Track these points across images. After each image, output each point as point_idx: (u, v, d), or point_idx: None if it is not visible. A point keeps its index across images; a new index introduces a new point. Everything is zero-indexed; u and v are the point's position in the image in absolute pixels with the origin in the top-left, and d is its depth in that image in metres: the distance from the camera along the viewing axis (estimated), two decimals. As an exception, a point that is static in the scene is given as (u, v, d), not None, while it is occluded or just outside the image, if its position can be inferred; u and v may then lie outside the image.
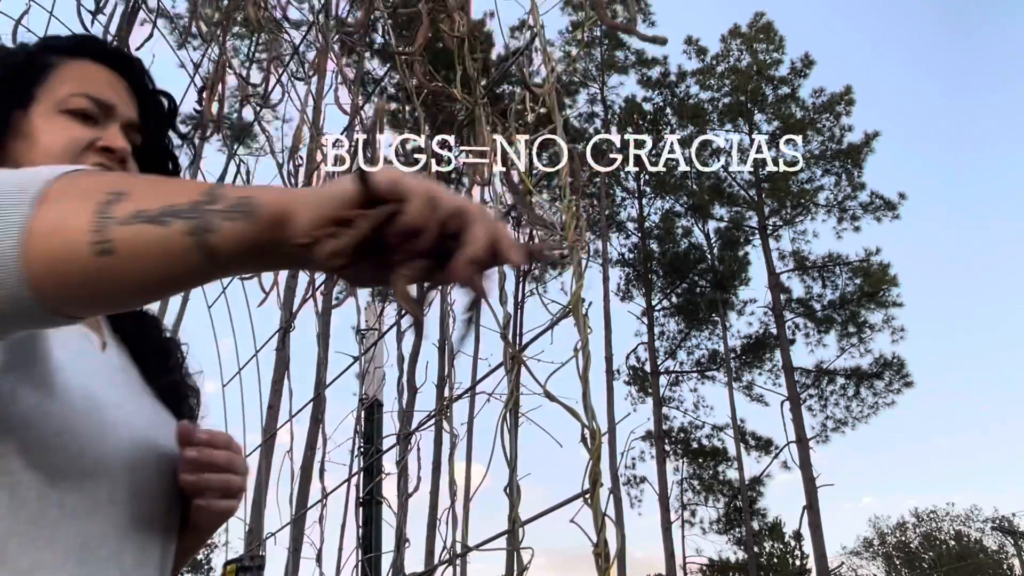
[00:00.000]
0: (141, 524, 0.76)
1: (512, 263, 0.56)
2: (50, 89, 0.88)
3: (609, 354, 21.22)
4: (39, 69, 0.90)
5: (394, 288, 0.56)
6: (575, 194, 1.42)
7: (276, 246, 0.53)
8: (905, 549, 35.06)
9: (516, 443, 1.60)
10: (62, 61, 0.91)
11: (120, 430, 0.76)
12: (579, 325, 1.30)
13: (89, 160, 0.85)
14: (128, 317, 0.94)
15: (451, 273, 0.54)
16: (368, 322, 5.13)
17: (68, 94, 0.88)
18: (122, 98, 0.91)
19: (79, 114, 0.87)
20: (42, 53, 0.92)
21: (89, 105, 0.88)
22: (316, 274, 4.01)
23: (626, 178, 25.46)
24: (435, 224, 0.54)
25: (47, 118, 0.86)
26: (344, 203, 0.53)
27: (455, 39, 2.12)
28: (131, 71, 0.94)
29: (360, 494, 4.47)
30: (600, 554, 1.12)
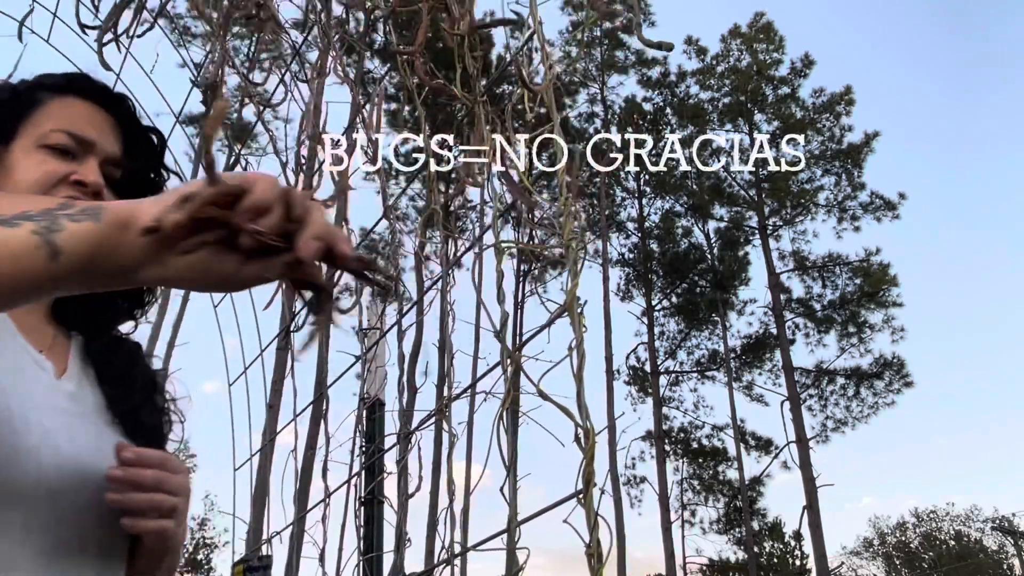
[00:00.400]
0: (69, 549, 0.76)
1: (344, 255, 0.58)
2: (34, 125, 0.92)
3: (609, 354, 21.22)
4: (26, 106, 0.94)
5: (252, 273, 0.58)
6: (571, 193, 1.42)
7: (122, 247, 0.56)
8: (905, 549, 35.05)
9: (515, 443, 1.61)
10: (50, 98, 0.95)
11: (43, 456, 0.75)
12: (574, 324, 1.31)
13: (61, 193, 0.88)
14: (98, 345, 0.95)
15: (298, 249, 0.56)
16: (369, 321, 5.14)
17: (48, 130, 0.91)
18: (104, 134, 0.94)
19: (57, 149, 0.90)
20: (32, 91, 0.95)
21: (67, 140, 0.91)
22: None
23: (626, 178, 25.46)
24: (279, 203, 0.57)
25: (27, 152, 0.90)
26: (188, 190, 0.56)
27: (455, 38, 2.12)
28: (118, 108, 0.97)
29: (361, 494, 4.47)
30: (593, 554, 1.12)
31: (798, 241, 24.04)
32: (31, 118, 0.93)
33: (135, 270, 0.57)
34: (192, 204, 0.56)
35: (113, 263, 0.56)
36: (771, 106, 24.57)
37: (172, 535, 0.84)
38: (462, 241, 15.87)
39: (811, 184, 24.05)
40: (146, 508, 0.80)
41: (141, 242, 0.56)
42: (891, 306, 22.70)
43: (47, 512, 0.75)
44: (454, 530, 1.95)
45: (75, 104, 0.95)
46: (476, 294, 1.72)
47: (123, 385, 0.93)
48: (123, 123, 0.97)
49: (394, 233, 3.36)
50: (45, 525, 0.74)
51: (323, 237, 0.57)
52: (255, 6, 3.02)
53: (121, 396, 0.92)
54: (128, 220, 0.56)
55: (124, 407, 0.91)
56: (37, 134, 0.91)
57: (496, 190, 2.13)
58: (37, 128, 0.92)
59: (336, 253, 0.58)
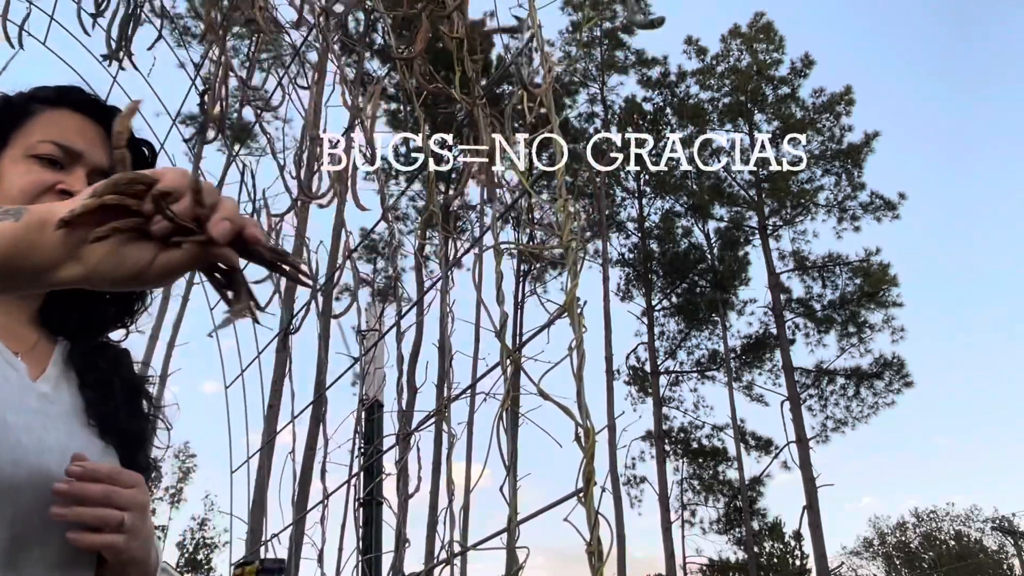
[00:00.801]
0: (27, 546, 0.77)
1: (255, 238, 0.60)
2: (25, 135, 0.94)
3: (609, 354, 21.23)
4: (17, 116, 0.96)
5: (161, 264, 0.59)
6: (571, 193, 1.43)
7: (39, 246, 0.57)
8: (905, 549, 35.05)
9: (515, 443, 1.61)
10: (41, 110, 0.97)
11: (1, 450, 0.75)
12: (574, 324, 1.31)
13: (47, 202, 0.87)
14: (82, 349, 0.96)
15: (209, 230, 0.58)
16: (368, 323, 5.14)
17: (37, 140, 0.93)
18: (93, 146, 0.96)
19: (45, 159, 0.92)
20: (24, 102, 0.98)
21: (55, 151, 0.93)
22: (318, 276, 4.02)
23: (626, 178, 25.47)
24: (188, 189, 0.59)
25: (15, 162, 0.92)
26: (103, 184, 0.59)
27: (454, 40, 2.13)
28: (108, 120, 0.97)
29: (360, 495, 4.48)
30: (593, 553, 1.13)
31: (798, 241, 24.08)
32: (22, 128, 0.95)
33: (53, 268, 0.58)
34: (102, 189, 0.58)
35: (31, 262, 0.58)
36: (771, 106, 24.58)
37: (124, 550, 0.81)
38: (462, 242, 15.88)
39: (811, 184, 24.07)
40: (92, 523, 0.79)
41: (57, 237, 0.57)
42: (891, 306, 22.72)
43: (4, 506, 0.75)
44: (453, 530, 1.95)
45: (66, 116, 0.97)
46: (476, 294, 1.72)
47: (103, 389, 0.93)
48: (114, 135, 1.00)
49: (393, 234, 3.37)
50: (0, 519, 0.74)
51: (233, 220, 0.59)
52: (255, 7, 3.03)
53: (100, 400, 0.92)
54: (46, 218, 0.58)
55: (103, 411, 0.91)
56: (26, 144, 0.93)
57: (496, 191, 2.14)
58: (27, 138, 0.94)
59: (246, 236, 0.60)
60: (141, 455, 0.96)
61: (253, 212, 3.57)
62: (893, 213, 23.18)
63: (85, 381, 0.93)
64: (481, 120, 1.97)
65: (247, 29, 3.60)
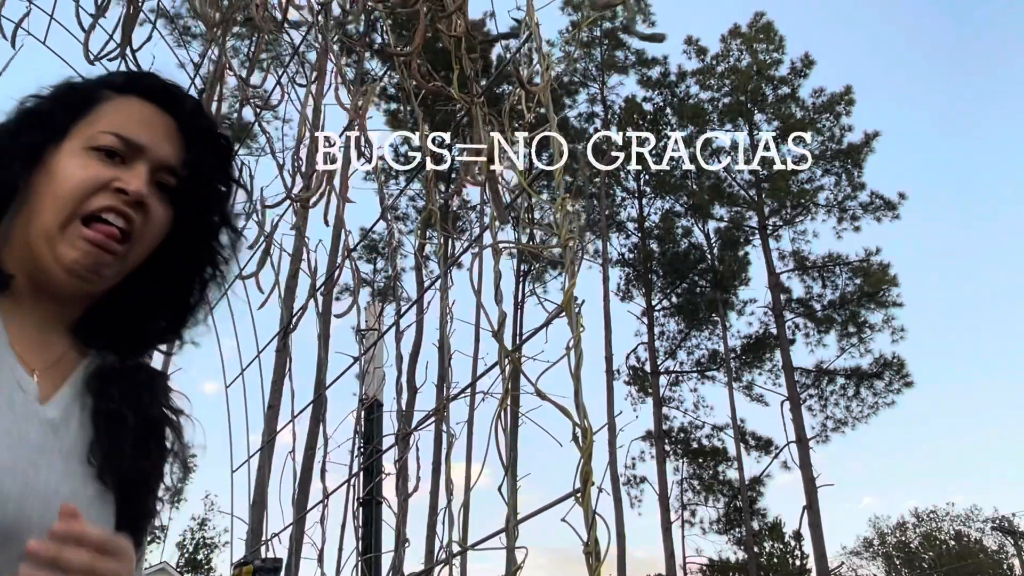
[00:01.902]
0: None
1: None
2: (88, 125, 0.87)
3: (609, 354, 21.23)
4: (83, 104, 0.88)
5: None
6: (570, 193, 1.43)
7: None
8: (905, 549, 35.05)
9: (514, 443, 1.61)
10: (108, 97, 0.90)
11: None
12: (571, 323, 1.31)
13: (100, 200, 0.82)
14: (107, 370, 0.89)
15: None
16: (368, 322, 5.14)
17: (98, 131, 0.86)
18: (160, 138, 0.88)
19: (105, 152, 0.85)
20: (92, 89, 0.90)
21: (116, 143, 0.85)
22: (316, 276, 4.02)
23: (626, 178, 25.47)
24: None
25: (73, 154, 0.85)
26: None
27: (452, 39, 2.12)
28: (180, 110, 0.91)
29: (360, 494, 4.47)
30: (590, 553, 1.12)
31: (798, 241, 24.07)
32: (86, 118, 0.88)
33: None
34: None
35: None
36: (771, 106, 24.57)
37: None
38: (461, 242, 15.87)
39: (811, 184, 24.06)
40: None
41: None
42: (891, 306, 22.72)
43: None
44: (453, 530, 1.95)
45: (134, 105, 0.90)
46: (475, 295, 1.72)
47: (113, 423, 0.85)
48: (185, 127, 0.91)
49: (392, 233, 3.37)
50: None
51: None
52: (254, 6, 3.03)
53: (108, 435, 0.84)
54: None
55: (107, 449, 0.83)
56: (87, 135, 0.86)
57: (498, 189, 2.13)
58: (90, 128, 0.86)
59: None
60: (141, 503, 0.87)
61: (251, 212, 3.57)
62: (893, 213, 23.20)
63: (97, 409, 0.85)
64: (479, 119, 1.97)
65: (246, 28, 3.59)
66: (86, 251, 0.81)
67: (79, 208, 0.81)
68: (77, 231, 0.81)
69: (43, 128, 0.86)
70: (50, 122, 0.87)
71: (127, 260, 0.85)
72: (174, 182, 0.88)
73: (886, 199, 23.25)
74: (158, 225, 0.87)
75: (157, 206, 0.86)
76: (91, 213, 0.81)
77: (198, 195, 0.91)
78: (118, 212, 0.82)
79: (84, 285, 0.83)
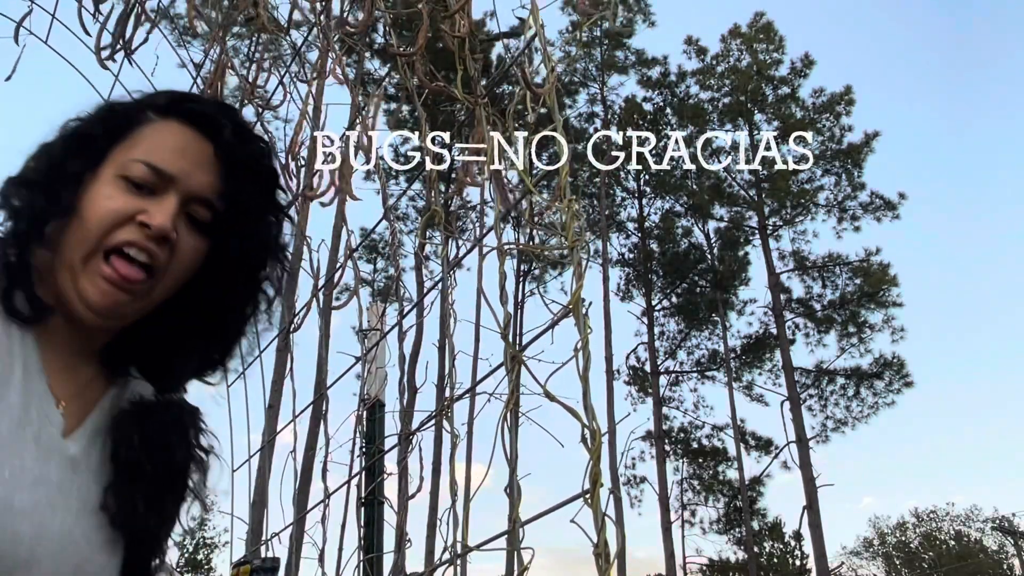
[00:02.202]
0: None
1: None
2: (124, 150, 0.83)
3: (609, 354, 21.23)
4: (121, 129, 0.84)
5: None
6: (575, 194, 1.42)
7: None
8: (905, 549, 35.06)
9: (516, 443, 1.61)
10: (149, 120, 0.85)
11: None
12: (579, 325, 1.31)
13: (123, 234, 0.78)
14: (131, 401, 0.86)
15: None
16: (370, 323, 5.14)
17: (130, 159, 0.81)
18: (195, 167, 0.82)
19: (134, 182, 0.80)
20: (135, 111, 0.86)
21: (146, 174, 0.80)
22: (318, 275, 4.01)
23: (626, 178, 25.47)
24: None
25: (105, 182, 0.81)
26: None
27: (455, 39, 2.12)
28: (220, 137, 0.85)
29: (361, 494, 4.47)
30: (600, 554, 1.12)
31: (798, 241, 24.07)
32: (125, 141, 0.83)
33: None
34: None
35: None
36: (771, 106, 24.57)
37: None
38: (463, 241, 15.88)
39: (811, 184, 24.06)
40: None
41: None
42: (891, 306, 22.72)
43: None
44: (456, 530, 1.95)
45: (173, 130, 0.84)
46: (477, 294, 1.72)
47: (130, 472, 0.82)
48: (224, 154, 0.84)
49: (394, 233, 3.36)
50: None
51: None
52: (254, 6, 3.02)
53: (124, 482, 0.81)
54: None
55: (121, 498, 0.80)
56: (120, 161, 0.82)
57: (503, 188, 2.13)
58: (125, 154, 0.82)
59: None
60: (149, 551, 0.86)
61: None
62: (893, 213, 23.19)
63: (116, 455, 0.82)
64: (483, 119, 1.97)
65: (248, 28, 3.59)
66: (103, 290, 0.78)
67: (102, 242, 0.78)
68: (98, 267, 0.78)
69: (83, 153, 0.83)
70: (89, 147, 0.83)
71: (151, 295, 0.81)
72: (207, 215, 0.83)
73: (886, 199, 23.27)
74: (187, 259, 0.82)
75: (187, 239, 0.82)
76: (113, 247, 0.78)
77: (235, 227, 0.85)
78: (140, 247, 0.78)
79: (104, 322, 0.80)
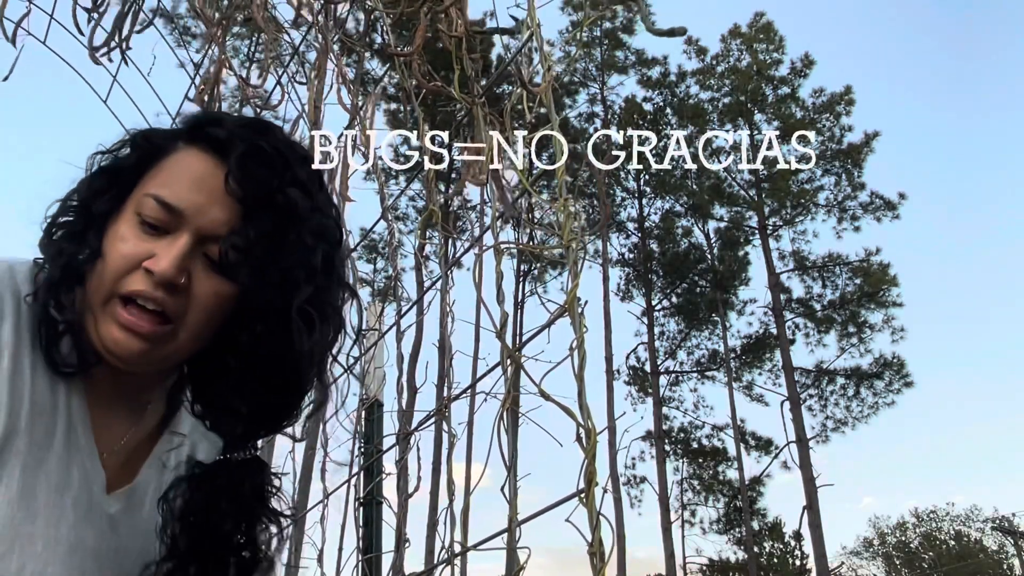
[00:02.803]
0: None
1: None
2: (146, 184, 0.76)
3: (609, 354, 21.24)
4: (150, 159, 0.77)
5: None
6: (572, 193, 1.43)
7: None
8: (905, 549, 35.07)
9: (515, 443, 1.61)
10: (175, 149, 0.78)
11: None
12: (575, 324, 1.31)
13: (132, 283, 0.72)
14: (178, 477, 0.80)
15: None
16: (368, 322, 5.13)
17: (144, 195, 0.74)
18: (206, 200, 0.73)
19: (147, 221, 0.73)
20: (165, 139, 0.79)
21: (156, 211, 0.72)
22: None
23: (626, 178, 25.48)
24: None
25: (124, 220, 0.74)
26: None
27: (453, 39, 2.12)
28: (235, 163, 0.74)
29: (360, 494, 4.47)
30: (595, 553, 1.12)
31: (798, 241, 24.09)
32: (150, 173, 0.76)
33: None
34: None
35: None
36: (771, 106, 24.59)
37: None
38: (462, 241, 15.88)
39: (811, 184, 24.08)
40: None
41: None
42: (891, 306, 22.73)
43: None
44: (454, 530, 1.95)
45: (193, 159, 0.76)
46: (477, 295, 1.72)
47: (170, 542, 0.77)
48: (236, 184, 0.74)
49: (392, 233, 3.37)
50: None
51: None
52: (255, 6, 3.03)
53: (163, 554, 0.76)
54: None
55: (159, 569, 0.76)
56: (138, 197, 0.75)
57: (502, 188, 2.13)
58: (144, 189, 0.75)
59: None
60: None
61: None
62: (893, 213, 23.21)
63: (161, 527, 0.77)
64: (481, 119, 1.97)
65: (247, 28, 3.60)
66: (117, 337, 0.72)
67: (115, 288, 0.73)
68: (114, 313, 0.72)
69: (110, 188, 0.77)
70: (117, 180, 0.77)
71: (176, 341, 0.74)
72: (230, 256, 0.73)
73: (886, 199, 23.29)
74: (207, 304, 0.74)
75: (204, 283, 0.73)
76: (124, 296, 0.72)
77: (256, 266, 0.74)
78: (147, 296, 0.71)
79: (129, 367, 0.74)
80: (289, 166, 0.77)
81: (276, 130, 0.80)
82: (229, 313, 0.75)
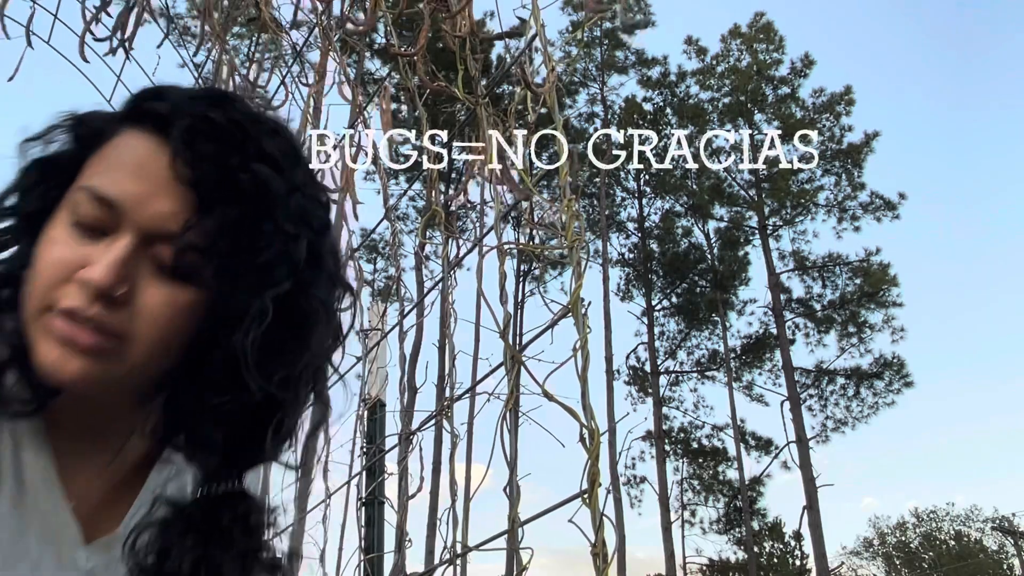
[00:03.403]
0: None
1: None
2: (82, 176, 0.63)
3: (609, 354, 21.23)
4: (90, 145, 0.65)
5: None
6: (575, 194, 1.43)
7: None
8: (905, 549, 35.08)
9: (516, 443, 1.61)
10: (116, 132, 0.64)
11: None
12: (578, 325, 1.31)
13: (65, 297, 0.59)
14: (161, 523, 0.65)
15: None
16: (371, 322, 5.14)
17: (77, 188, 0.62)
18: (154, 191, 0.60)
19: (82, 221, 0.60)
20: (106, 121, 0.66)
21: (91, 207, 0.60)
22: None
23: (626, 178, 25.48)
24: None
25: (57, 221, 0.62)
26: None
27: (456, 39, 2.12)
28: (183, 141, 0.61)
29: (362, 494, 4.47)
30: (598, 554, 1.13)
31: (798, 241, 24.09)
32: (89, 162, 0.64)
33: None
34: None
35: None
36: (771, 106, 24.58)
37: None
38: (463, 241, 15.88)
39: (811, 184, 24.08)
40: None
41: None
42: (891, 306, 22.73)
43: None
44: (456, 530, 1.95)
45: (134, 142, 0.62)
46: (477, 294, 1.72)
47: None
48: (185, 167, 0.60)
49: (395, 234, 3.37)
50: None
51: None
52: (255, 6, 3.03)
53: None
54: None
55: None
56: (72, 193, 0.62)
57: (498, 190, 2.14)
58: (80, 180, 0.63)
59: None
60: None
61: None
62: (893, 213, 23.21)
63: None
64: (484, 119, 1.97)
65: (249, 28, 3.60)
66: (55, 355, 0.58)
67: (46, 303, 0.59)
68: (48, 324, 0.59)
69: (43, 185, 0.65)
70: (51, 175, 0.65)
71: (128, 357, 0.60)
72: (168, 256, 0.60)
73: (886, 199, 23.28)
74: (160, 316, 0.60)
75: (153, 292, 0.60)
76: (60, 312, 0.59)
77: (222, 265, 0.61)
78: (81, 313, 0.58)
79: (77, 391, 0.61)
80: (251, 138, 0.62)
81: (237, 100, 0.65)
82: (198, 323, 0.62)
